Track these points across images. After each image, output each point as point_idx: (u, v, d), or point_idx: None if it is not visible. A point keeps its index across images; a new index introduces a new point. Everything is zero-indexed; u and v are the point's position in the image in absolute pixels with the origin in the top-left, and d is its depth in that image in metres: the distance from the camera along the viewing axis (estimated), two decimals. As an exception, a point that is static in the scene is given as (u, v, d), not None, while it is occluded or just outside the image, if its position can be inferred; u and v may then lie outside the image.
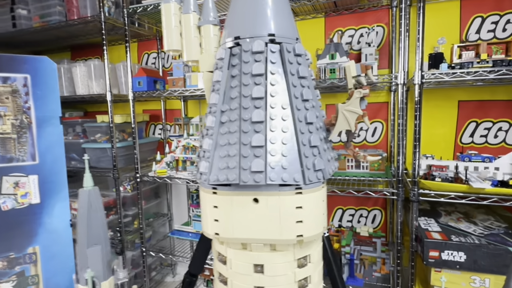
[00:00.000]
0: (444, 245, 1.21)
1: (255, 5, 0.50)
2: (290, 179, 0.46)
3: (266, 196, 0.47)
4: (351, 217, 1.97)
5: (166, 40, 0.58)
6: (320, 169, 0.49)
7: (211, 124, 0.51)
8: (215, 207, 0.50)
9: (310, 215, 0.49)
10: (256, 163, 0.45)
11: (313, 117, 0.50)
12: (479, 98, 1.66)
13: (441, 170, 1.35)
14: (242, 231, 0.48)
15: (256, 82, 0.48)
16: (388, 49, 1.77)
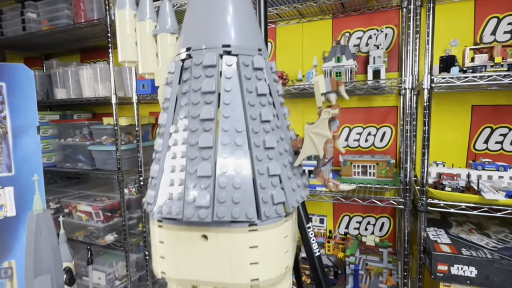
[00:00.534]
0: (453, 259, 1.14)
1: (210, 11, 0.45)
2: (242, 215, 0.40)
3: (215, 232, 0.41)
4: (358, 224, 1.91)
5: (120, 50, 0.54)
6: (281, 202, 0.43)
7: (158, 148, 0.46)
8: (161, 243, 0.45)
9: (268, 256, 0.43)
10: (201, 196, 0.39)
11: (273, 141, 0.44)
12: (494, 102, 1.58)
13: (452, 178, 1.28)
14: (190, 272, 0.43)
15: (206, 100, 0.42)
16: (398, 51, 1.71)
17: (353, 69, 1.50)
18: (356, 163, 1.61)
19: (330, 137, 0.43)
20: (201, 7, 0.45)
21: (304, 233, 0.61)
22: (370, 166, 1.59)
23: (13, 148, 1.07)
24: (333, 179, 0.49)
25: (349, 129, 1.86)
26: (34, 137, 1.11)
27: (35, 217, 0.48)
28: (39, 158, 0.86)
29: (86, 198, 2.13)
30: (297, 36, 1.92)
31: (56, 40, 2.25)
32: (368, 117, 1.82)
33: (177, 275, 0.44)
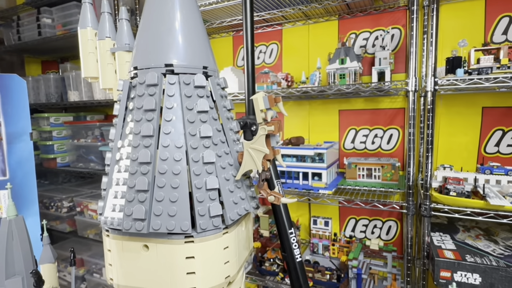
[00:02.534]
0: (456, 266, 1.11)
1: (156, 32, 0.46)
2: (177, 228, 0.41)
3: (155, 243, 0.43)
4: (364, 227, 1.88)
5: (83, 67, 0.57)
6: (218, 215, 0.45)
7: (107, 162, 0.48)
8: (109, 251, 0.47)
9: (205, 266, 0.44)
10: (138, 209, 0.41)
11: (211, 156, 0.45)
12: (506, 104, 1.52)
13: (458, 183, 1.25)
14: (134, 280, 0.45)
15: (147, 118, 0.44)
16: (405, 52, 1.68)
17: (357, 71, 1.49)
18: (361, 166, 1.59)
19: (267, 153, 0.44)
20: (149, 28, 0.47)
21: (287, 239, 0.61)
22: (375, 169, 1.57)
23: (7, 153, 1.12)
24: (275, 191, 0.50)
25: (355, 131, 1.84)
26: (27, 143, 1.17)
27: (7, 223, 0.51)
28: (32, 162, 0.90)
29: (97, 198, 2.20)
30: (303, 38, 1.92)
31: (70, 44, 2.32)
32: (374, 119, 1.80)
33: (123, 282, 0.46)
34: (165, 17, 0.47)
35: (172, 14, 0.47)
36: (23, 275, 0.51)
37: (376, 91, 1.51)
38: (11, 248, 0.49)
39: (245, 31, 0.67)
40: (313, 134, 1.94)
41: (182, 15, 0.48)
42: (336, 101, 1.86)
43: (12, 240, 0.50)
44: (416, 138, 1.33)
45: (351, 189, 1.51)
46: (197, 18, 0.51)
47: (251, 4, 0.65)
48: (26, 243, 0.53)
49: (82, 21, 0.58)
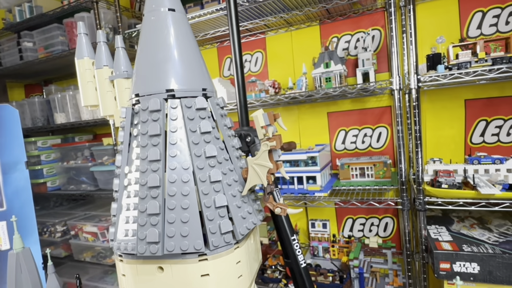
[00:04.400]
0: (455, 256, 1.14)
1: (155, 60, 0.48)
2: (191, 247, 0.42)
3: (169, 264, 0.44)
4: (362, 226, 1.90)
5: (82, 96, 0.58)
6: (229, 231, 0.46)
7: (115, 188, 0.49)
8: (123, 275, 0.48)
9: (219, 283, 0.46)
10: (151, 233, 0.42)
11: (218, 175, 0.47)
12: (487, 95, 1.58)
13: (448, 175, 1.28)
14: None
15: (153, 143, 0.46)
16: (386, 52, 1.72)
17: (342, 73, 1.52)
18: (353, 166, 1.62)
19: (271, 167, 0.46)
20: (147, 56, 0.49)
21: (290, 246, 0.62)
22: (368, 167, 1.60)
23: (3, 184, 1.10)
24: (281, 203, 0.51)
25: (345, 132, 1.87)
26: (22, 172, 1.15)
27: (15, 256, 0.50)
28: (29, 191, 0.88)
29: (91, 219, 2.16)
30: (287, 45, 1.95)
31: (53, 67, 2.30)
32: (362, 118, 1.83)
33: None
34: (162, 44, 0.49)
35: (169, 40, 0.49)
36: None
37: (362, 91, 1.55)
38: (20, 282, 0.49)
39: (232, 43, 0.69)
40: (304, 138, 1.96)
41: (178, 40, 0.50)
42: (324, 104, 1.89)
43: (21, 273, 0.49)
44: (404, 134, 1.36)
45: (346, 189, 1.53)
46: (192, 41, 0.52)
47: (236, 17, 0.67)
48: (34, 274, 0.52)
49: (79, 52, 0.59)
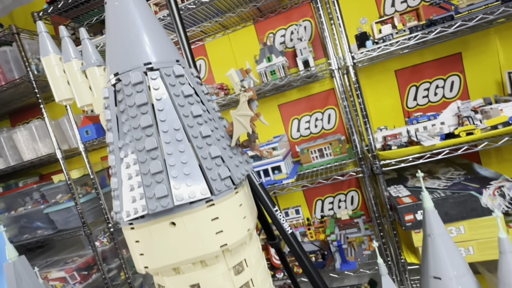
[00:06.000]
0: (415, 207, 1.26)
1: (127, 38, 0.51)
2: (197, 195, 0.46)
3: (180, 217, 0.47)
4: (331, 205, 2.01)
5: (55, 92, 0.57)
6: (227, 177, 0.50)
7: (112, 163, 0.51)
8: (137, 242, 0.50)
9: (229, 223, 0.50)
10: (159, 189, 0.45)
11: (207, 130, 0.51)
12: (411, 63, 1.77)
13: (395, 138, 1.42)
14: (168, 257, 0.48)
15: (142, 111, 0.49)
16: (320, 40, 1.85)
17: (284, 64, 1.60)
18: (312, 149, 1.71)
19: (253, 115, 0.52)
20: (119, 37, 0.51)
21: (273, 216, 0.66)
22: (325, 147, 1.70)
23: None
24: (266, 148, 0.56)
25: (298, 120, 1.97)
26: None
27: (12, 265, 0.47)
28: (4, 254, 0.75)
29: (56, 264, 1.99)
30: (227, 48, 2.00)
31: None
32: (311, 104, 1.94)
33: (159, 264, 0.49)
34: (131, 24, 0.52)
35: (137, 20, 0.52)
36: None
37: (306, 78, 1.65)
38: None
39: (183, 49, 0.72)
40: (260, 133, 2.01)
41: (145, 19, 0.53)
42: (274, 97, 1.97)
43: (21, 281, 0.46)
44: (350, 110, 1.48)
45: (310, 172, 1.61)
46: (156, 20, 0.55)
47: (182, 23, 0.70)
48: (36, 281, 0.49)
49: (43, 50, 0.57)
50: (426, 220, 0.59)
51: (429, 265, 0.58)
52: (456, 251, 0.57)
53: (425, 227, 0.59)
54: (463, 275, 0.56)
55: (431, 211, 0.59)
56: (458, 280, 0.55)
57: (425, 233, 0.59)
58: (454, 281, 0.55)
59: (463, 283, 0.55)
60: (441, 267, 0.56)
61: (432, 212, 0.59)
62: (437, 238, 0.57)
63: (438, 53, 1.72)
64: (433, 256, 0.57)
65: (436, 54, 1.73)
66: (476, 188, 1.24)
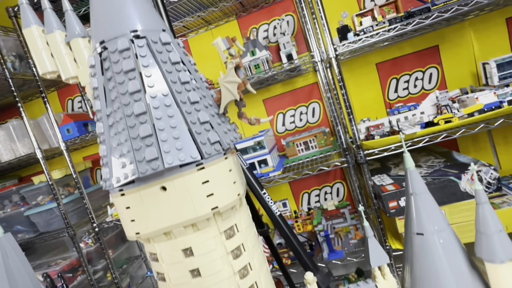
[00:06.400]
0: (399, 194, 1.30)
1: (112, 8, 0.51)
2: (188, 158, 0.46)
3: (171, 181, 0.47)
4: (317, 198, 2.03)
5: (39, 64, 0.56)
6: (217, 141, 0.51)
7: (100, 130, 0.51)
8: (128, 208, 0.50)
9: (219, 186, 0.51)
10: (149, 152, 0.45)
11: (196, 97, 0.51)
12: (391, 56, 1.82)
13: (378, 128, 1.45)
14: (160, 222, 0.48)
15: (129, 77, 0.49)
16: (302, 34, 1.87)
17: (268, 58, 1.61)
18: (297, 142, 1.73)
19: (240, 82, 0.53)
20: (104, 6, 0.50)
21: (261, 199, 0.67)
22: (310, 140, 1.72)
23: None
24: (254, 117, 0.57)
25: (283, 114, 1.98)
26: None
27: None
28: None
29: (39, 268, 1.94)
30: (210, 43, 1.98)
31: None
32: (295, 98, 1.96)
33: (151, 229, 0.49)
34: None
35: None
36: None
37: (289, 72, 1.66)
38: (9, 268, 0.44)
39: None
40: (246, 128, 2.02)
41: None
42: (259, 92, 1.97)
43: (8, 258, 0.44)
44: (334, 103, 1.50)
45: (296, 164, 1.62)
46: None
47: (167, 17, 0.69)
48: (24, 258, 0.47)
49: (25, 21, 0.55)
50: (409, 179, 0.61)
51: (412, 223, 0.61)
52: (436, 207, 0.60)
53: (408, 187, 0.62)
54: (443, 229, 0.59)
55: (413, 170, 0.61)
56: (439, 234, 0.58)
57: (408, 192, 0.62)
58: (435, 235, 0.58)
59: (444, 236, 0.58)
60: (423, 223, 0.59)
61: (414, 172, 0.61)
62: (419, 196, 0.60)
63: (417, 46, 1.78)
64: (416, 213, 0.60)
65: (415, 47, 1.78)
66: (455, 174, 1.29)
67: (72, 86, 2.22)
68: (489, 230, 0.54)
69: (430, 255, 0.58)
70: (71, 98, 2.26)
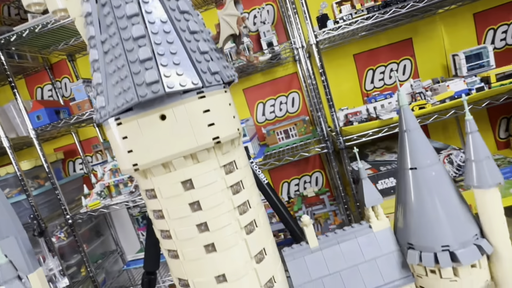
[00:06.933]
0: (377, 177, 1.34)
1: None
2: (189, 83, 0.45)
3: (171, 108, 0.46)
4: (297, 187, 2.06)
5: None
6: (217, 72, 0.50)
7: (95, 57, 0.48)
8: (125, 138, 0.48)
9: (220, 117, 0.50)
10: (149, 74, 0.43)
11: (195, 26, 0.50)
12: (368, 48, 1.87)
13: (356, 115, 1.49)
14: (159, 151, 0.47)
15: (126, 1, 0.47)
16: (282, 24, 1.88)
17: (249, 45, 1.61)
18: (277, 130, 1.74)
19: (239, 15, 0.52)
20: None
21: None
22: (290, 128, 1.74)
23: None
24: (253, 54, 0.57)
25: (263, 104, 1.99)
26: None
27: None
28: None
29: (6, 264, 1.83)
30: (189, 31, 1.96)
31: None
32: (275, 88, 1.97)
33: (148, 159, 0.48)
34: None
35: None
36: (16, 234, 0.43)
37: (270, 60, 1.67)
38: None
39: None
40: (227, 118, 2.01)
41: None
42: (239, 82, 1.96)
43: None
44: (314, 89, 1.52)
45: (276, 152, 1.63)
46: None
47: None
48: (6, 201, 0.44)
49: None
50: (403, 116, 0.64)
51: (406, 158, 0.63)
52: (427, 142, 0.63)
53: (402, 124, 0.64)
54: (435, 163, 0.62)
55: (406, 108, 0.64)
56: (431, 168, 0.61)
57: (402, 130, 0.64)
58: (428, 169, 0.61)
59: (436, 169, 0.61)
60: (417, 157, 0.62)
61: (407, 109, 0.64)
62: (413, 132, 0.63)
63: (392, 38, 1.84)
64: (410, 149, 0.63)
65: (390, 39, 1.84)
66: (429, 158, 1.35)
67: (42, 74, 2.11)
68: (478, 157, 0.58)
69: (424, 187, 0.61)
70: (40, 86, 2.14)
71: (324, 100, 1.59)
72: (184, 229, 0.50)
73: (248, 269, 0.53)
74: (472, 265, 0.58)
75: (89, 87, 1.66)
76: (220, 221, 0.50)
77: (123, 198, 1.66)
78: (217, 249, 0.51)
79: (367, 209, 0.69)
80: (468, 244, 0.58)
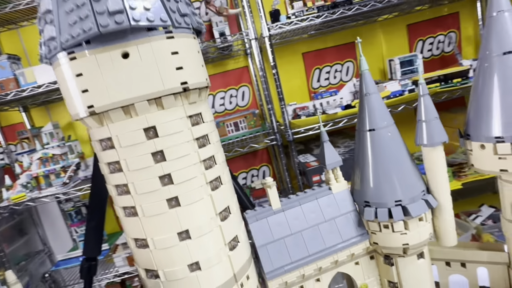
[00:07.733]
0: (321, 168, 1.41)
1: None
2: (157, 19, 0.41)
3: (135, 45, 0.42)
4: (244, 180, 2.07)
5: None
6: (186, 14, 0.47)
7: None
8: (79, 76, 0.42)
9: (189, 62, 0.47)
10: (112, 2, 0.39)
11: None
12: (316, 48, 1.96)
13: (304, 109, 1.55)
14: (120, 92, 0.42)
15: None
16: (235, 16, 1.87)
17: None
18: (227, 122, 1.73)
19: None
20: None
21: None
22: (240, 121, 1.74)
23: None
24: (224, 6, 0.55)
25: (213, 96, 1.96)
26: None
27: None
28: None
29: None
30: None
31: None
32: (226, 81, 1.96)
33: (107, 101, 0.43)
34: None
35: None
36: None
37: (222, 50, 1.65)
38: None
39: None
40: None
41: None
42: (209, 67, 1.91)
43: None
44: (265, 81, 1.55)
45: (226, 143, 1.62)
46: None
47: None
48: None
49: None
50: (363, 80, 0.68)
51: (365, 120, 0.68)
52: (384, 106, 0.69)
53: (362, 88, 0.68)
54: (391, 124, 0.68)
55: (366, 73, 0.68)
56: (387, 128, 0.66)
57: (362, 93, 0.68)
58: (384, 130, 0.66)
59: (391, 130, 0.67)
60: (375, 119, 0.66)
61: (367, 73, 0.68)
62: (372, 96, 0.67)
63: (337, 40, 1.95)
64: (369, 111, 0.67)
65: (336, 41, 1.95)
66: (368, 151, 1.47)
67: (-47, 47, 1.81)
68: (429, 117, 0.64)
69: (381, 147, 0.66)
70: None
71: (274, 94, 1.63)
72: (145, 181, 0.46)
73: (212, 226, 0.51)
74: (419, 219, 0.65)
75: (16, 64, 1.47)
76: (185, 174, 0.48)
77: (54, 190, 1.50)
78: (181, 203, 0.48)
79: (328, 171, 0.72)
80: (417, 199, 0.65)
